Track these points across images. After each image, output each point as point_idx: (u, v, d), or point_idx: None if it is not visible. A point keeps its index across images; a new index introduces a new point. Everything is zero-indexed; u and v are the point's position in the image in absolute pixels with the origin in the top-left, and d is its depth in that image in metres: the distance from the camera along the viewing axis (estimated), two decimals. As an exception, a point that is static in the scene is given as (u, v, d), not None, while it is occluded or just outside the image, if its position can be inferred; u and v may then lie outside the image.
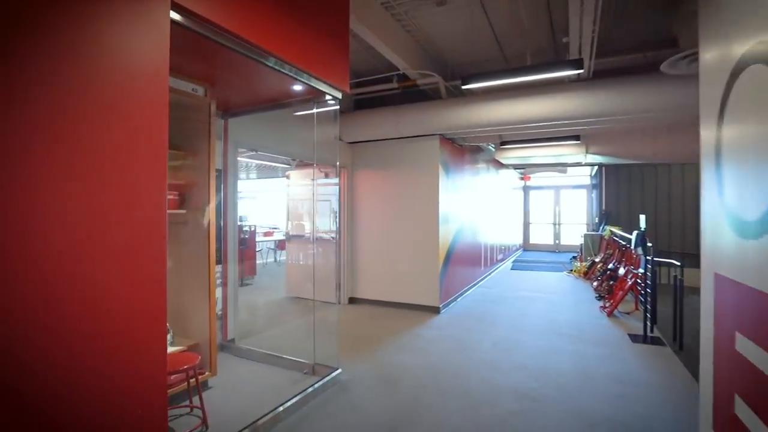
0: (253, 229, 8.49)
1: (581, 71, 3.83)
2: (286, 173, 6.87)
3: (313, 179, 3.97)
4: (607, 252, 7.98)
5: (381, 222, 5.97)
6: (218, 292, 3.86)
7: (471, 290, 6.99)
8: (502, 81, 4.12)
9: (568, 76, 4.51)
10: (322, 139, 5.46)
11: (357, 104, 6.20)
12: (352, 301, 6.12)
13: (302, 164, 6.41)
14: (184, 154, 3.12)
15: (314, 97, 3.35)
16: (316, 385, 3.07)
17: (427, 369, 3.54)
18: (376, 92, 5.81)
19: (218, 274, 3.88)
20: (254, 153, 4.61)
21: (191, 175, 3.14)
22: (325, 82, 3.07)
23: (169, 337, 2.94)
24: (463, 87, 4.41)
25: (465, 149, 6.79)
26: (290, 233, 6.77)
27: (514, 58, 5.24)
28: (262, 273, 8.97)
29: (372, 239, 6.04)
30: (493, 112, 4.81)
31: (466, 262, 6.83)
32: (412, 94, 5.55)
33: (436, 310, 5.48)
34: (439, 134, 5.51)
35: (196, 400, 2.91)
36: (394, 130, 5.47)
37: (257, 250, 10.93)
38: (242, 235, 7.96)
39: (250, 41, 2.35)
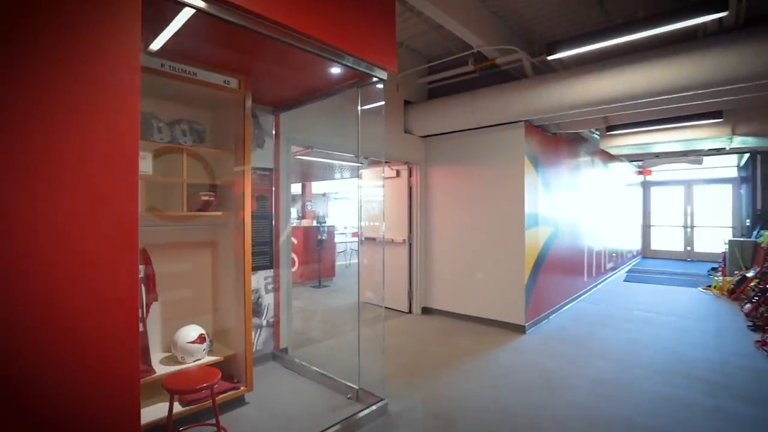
0: (331, 229, 8.45)
1: (724, 14, 2.73)
2: (359, 172, 6.60)
3: (358, 177, 3.53)
4: (766, 266, 6.08)
5: (457, 224, 5.30)
6: (270, 298, 3.67)
7: (568, 306, 5.88)
8: (603, 43, 3.19)
9: (704, 26, 3.34)
10: (390, 133, 5.03)
11: (431, 94, 5.62)
12: (426, 311, 5.56)
13: (376, 162, 6.06)
14: (221, 152, 2.92)
15: (359, 80, 2.89)
16: (355, 417, 2.60)
17: (497, 410, 2.83)
18: (451, 78, 5.17)
19: (269, 279, 3.68)
20: (311, 150, 4.35)
21: (229, 174, 2.94)
22: (367, 62, 2.60)
23: (205, 345, 2.76)
24: (549, 58, 3.55)
25: (560, 139, 5.72)
26: (363, 235, 6.49)
27: (622, 20, 4.15)
28: (344, 275, 8.90)
29: (447, 243, 5.40)
30: (594, 87, 3.82)
31: (562, 271, 5.76)
32: (491, 77, 4.78)
33: (520, 329, 4.63)
34: (524, 121, 4.65)
35: (228, 417, 2.69)
36: (469, 118, 4.77)
37: (340, 251, 11.02)
38: (319, 236, 7.97)
39: (280, 22, 2.02)
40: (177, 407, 2.51)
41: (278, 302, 3.74)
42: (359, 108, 3.00)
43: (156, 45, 2.28)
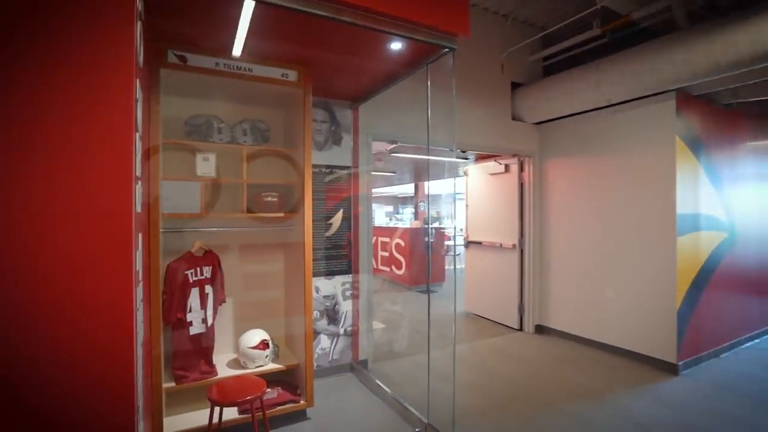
0: (440, 231, 7.99)
1: None
2: (464, 169, 6.00)
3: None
4: None
5: (581, 226, 4.30)
6: (348, 305, 3.45)
7: (753, 342, 4.25)
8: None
9: None
10: (493, 122, 4.36)
11: (547, 72, 4.71)
12: (540, 330, 4.68)
13: (483, 157, 5.43)
14: (283, 150, 2.79)
15: (426, 57, 2.43)
16: (416, 462, 2.16)
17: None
18: (571, 49, 4.24)
19: (348, 285, 3.46)
20: (396, 145, 4.01)
21: (293, 174, 2.79)
22: (433, 30, 2.15)
23: (268, 351, 2.66)
24: (713, -10, 2.48)
25: (738, 111, 4.17)
26: (469, 239, 5.87)
27: None
28: (458, 280, 8.32)
29: (568, 250, 4.44)
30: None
31: (741, 291, 4.19)
32: (625, 40, 3.72)
33: (670, 369, 3.46)
34: (676, 90, 3.46)
35: (282, 431, 2.52)
36: (594, 95, 3.78)
37: (456, 254, 10.41)
38: (427, 239, 7.59)
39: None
40: (234, 413, 2.45)
41: (357, 310, 3.50)
42: (428, 88, 2.52)
43: (236, 48, 2.24)
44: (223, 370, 2.59)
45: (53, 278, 1.23)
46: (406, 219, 13.48)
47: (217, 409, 2.15)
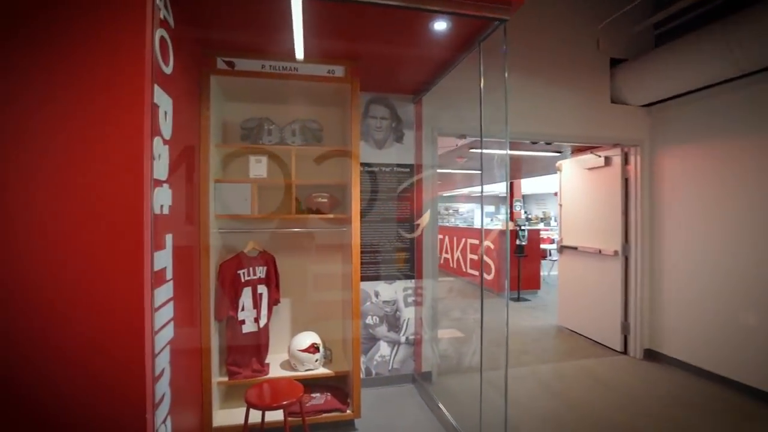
0: (534, 233, 7.25)
1: None
2: (557, 164, 5.29)
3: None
4: None
5: (707, 232, 3.42)
6: (410, 312, 3.27)
7: None
8: None
9: None
10: (588, 107, 3.73)
11: (659, 41, 3.87)
12: (650, 355, 3.87)
13: (579, 149, 4.75)
14: (337, 149, 2.71)
15: (478, 35, 2.12)
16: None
17: None
18: (692, 9, 3.40)
19: (410, 291, 3.27)
20: (470, 140, 3.66)
21: (344, 174, 2.70)
22: (481, 2, 1.86)
23: (318, 355, 2.61)
24: None
25: None
26: (562, 243, 5.15)
27: None
28: (553, 287, 7.49)
29: (688, 260, 3.57)
30: None
31: None
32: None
33: None
34: None
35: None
36: (725, 62, 2.95)
37: (553, 258, 9.36)
38: (518, 242, 6.95)
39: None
40: (281, 414, 2.45)
41: (420, 319, 3.27)
42: (480, 68, 2.19)
43: (293, 49, 2.25)
44: (276, 371, 2.61)
45: (54, 280, 1.29)
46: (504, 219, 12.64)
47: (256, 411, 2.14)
